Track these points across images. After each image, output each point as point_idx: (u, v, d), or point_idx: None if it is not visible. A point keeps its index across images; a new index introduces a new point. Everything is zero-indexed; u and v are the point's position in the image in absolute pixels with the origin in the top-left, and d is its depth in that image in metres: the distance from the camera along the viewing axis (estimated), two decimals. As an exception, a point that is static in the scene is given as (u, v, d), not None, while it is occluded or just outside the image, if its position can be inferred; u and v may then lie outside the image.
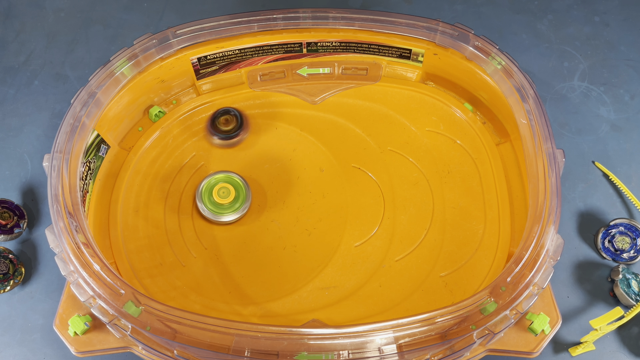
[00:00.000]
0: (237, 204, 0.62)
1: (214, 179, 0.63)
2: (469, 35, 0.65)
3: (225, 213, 0.62)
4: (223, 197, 0.62)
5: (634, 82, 0.75)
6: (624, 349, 0.60)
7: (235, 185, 0.63)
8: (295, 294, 0.60)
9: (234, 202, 0.62)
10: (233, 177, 0.63)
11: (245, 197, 0.62)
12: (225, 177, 0.63)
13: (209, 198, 0.62)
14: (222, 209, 0.62)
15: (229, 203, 0.62)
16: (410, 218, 0.63)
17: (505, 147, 0.66)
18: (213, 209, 0.62)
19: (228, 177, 0.63)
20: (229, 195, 0.62)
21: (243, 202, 0.62)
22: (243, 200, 0.62)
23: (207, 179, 0.63)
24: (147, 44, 0.64)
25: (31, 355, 0.60)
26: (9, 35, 0.79)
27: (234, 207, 0.62)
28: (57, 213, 0.54)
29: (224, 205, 0.62)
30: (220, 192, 0.62)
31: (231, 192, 0.62)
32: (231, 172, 0.63)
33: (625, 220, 0.65)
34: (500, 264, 0.60)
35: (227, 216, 0.62)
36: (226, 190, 0.62)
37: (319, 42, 0.69)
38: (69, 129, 0.59)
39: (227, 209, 0.62)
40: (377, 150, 0.67)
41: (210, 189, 0.62)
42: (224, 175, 0.63)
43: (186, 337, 0.50)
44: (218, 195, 0.62)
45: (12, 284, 0.62)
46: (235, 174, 0.63)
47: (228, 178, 0.63)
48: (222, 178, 0.63)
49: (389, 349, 0.50)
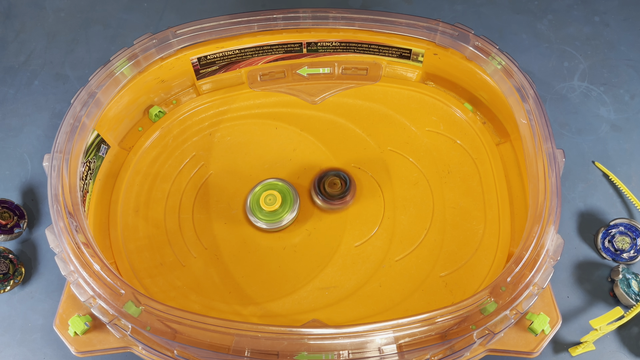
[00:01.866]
0: (287, 206, 0.62)
1: (257, 190, 0.63)
2: (469, 35, 0.65)
3: (281, 218, 0.61)
4: (270, 204, 0.61)
5: (634, 82, 0.75)
6: (624, 349, 0.60)
7: (279, 190, 0.62)
8: (295, 294, 0.60)
9: (283, 206, 0.62)
10: (276, 183, 0.63)
11: (293, 198, 0.62)
12: (267, 185, 0.63)
13: (259, 210, 0.62)
14: (275, 215, 0.62)
15: (279, 207, 0.62)
16: (410, 218, 0.63)
17: (505, 147, 0.66)
18: (267, 219, 0.61)
19: (270, 185, 0.63)
20: (276, 201, 0.61)
21: (292, 204, 0.62)
22: (291, 201, 0.62)
23: (251, 194, 0.63)
24: (147, 44, 0.64)
25: (31, 355, 0.60)
26: (9, 35, 0.79)
27: (285, 209, 0.62)
28: (57, 213, 0.54)
29: (276, 211, 0.62)
30: (267, 200, 0.62)
31: (277, 198, 0.61)
32: (272, 179, 0.63)
33: (625, 220, 0.65)
34: (500, 264, 0.60)
35: (284, 220, 0.62)
36: (272, 197, 0.62)
37: (319, 42, 0.68)
38: (69, 129, 0.59)
39: (280, 213, 0.62)
40: (377, 150, 0.67)
41: (257, 201, 0.62)
42: (265, 184, 0.63)
43: (186, 337, 0.50)
44: (266, 204, 0.61)
45: (12, 284, 0.62)
46: (277, 179, 0.63)
47: (270, 185, 0.63)
48: (264, 187, 0.63)
49: (389, 349, 0.50)
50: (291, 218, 0.62)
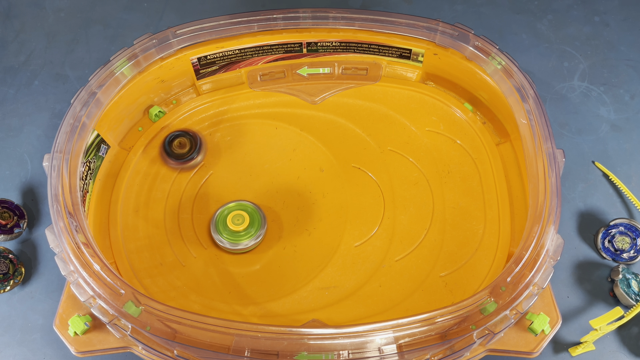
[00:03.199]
0: (252, 230, 0.61)
1: (227, 209, 0.62)
2: (469, 35, 0.65)
3: (241, 240, 0.61)
4: (238, 224, 0.61)
5: (634, 82, 0.75)
6: (624, 349, 0.60)
7: (249, 212, 0.62)
8: (295, 294, 0.60)
9: (249, 228, 0.61)
10: (246, 205, 0.62)
11: (260, 223, 0.61)
12: (237, 205, 0.62)
13: (224, 228, 0.61)
14: (238, 236, 0.61)
15: (244, 230, 0.61)
16: (410, 218, 0.63)
17: (505, 147, 0.66)
18: (229, 238, 0.61)
19: (240, 205, 0.62)
20: (244, 222, 0.61)
21: (258, 229, 0.61)
22: (258, 226, 0.61)
23: (220, 210, 0.62)
24: (147, 44, 0.64)
25: (31, 355, 0.60)
26: (9, 35, 0.79)
27: (250, 233, 0.61)
28: (57, 213, 0.54)
29: (239, 233, 0.61)
30: (235, 220, 0.61)
31: (245, 219, 0.61)
32: (243, 201, 0.63)
33: (625, 220, 0.65)
34: (500, 264, 0.60)
35: (244, 243, 0.61)
36: (240, 217, 0.61)
37: (319, 42, 0.69)
38: (69, 129, 0.59)
39: (243, 236, 0.61)
40: (377, 150, 0.67)
41: (224, 219, 0.61)
42: (236, 204, 0.62)
43: (186, 337, 0.50)
44: (232, 223, 0.61)
45: (12, 284, 0.62)
46: (247, 201, 0.62)
47: (240, 206, 0.62)
48: (234, 207, 0.62)
49: (389, 349, 0.50)
50: (252, 244, 0.61)
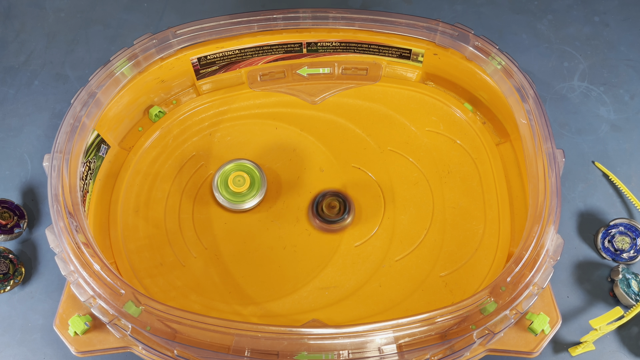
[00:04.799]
0: (253, 191, 0.63)
1: (228, 168, 0.64)
2: (468, 36, 0.65)
3: (244, 200, 0.63)
4: (239, 185, 0.63)
5: (634, 82, 0.75)
6: (624, 349, 0.60)
7: (249, 172, 0.64)
8: (295, 294, 0.60)
9: (250, 190, 0.63)
10: (246, 165, 0.64)
11: (260, 184, 0.63)
12: (238, 165, 0.64)
13: (226, 189, 0.63)
14: (240, 197, 0.63)
15: (246, 190, 0.63)
16: (410, 218, 0.63)
17: (505, 147, 0.66)
18: (231, 199, 0.63)
19: (241, 165, 0.64)
20: (245, 183, 0.63)
21: (259, 189, 0.63)
22: (259, 186, 0.63)
23: (220, 170, 0.64)
24: (147, 44, 0.64)
25: (31, 355, 0.60)
26: (9, 35, 0.79)
27: (251, 194, 0.63)
28: (57, 213, 0.54)
29: (242, 193, 0.63)
30: (236, 181, 0.63)
31: (246, 180, 0.63)
32: (243, 160, 0.64)
33: (625, 220, 0.65)
34: (500, 264, 0.60)
35: (247, 203, 0.63)
36: (241, 178, 0.63)
37: (319, 42, 0.69)
38: (69, 129, 0.59)
39: (245, 196, 0.63)
40: (377, 150, 0.67)
41: (226, 180, 0.63)
42: (236, 164, 0.64)
43: (186, 337, 0.50)
44: (234, 184, 0.63)
45: (12, 284, 0.62)
46: (247, 160, 0.64)
47: (241, 166, 0.64)
48: (234, 167, 0.64)
49: (389, 349, 0.50)
50: (255, 203, 0.63)
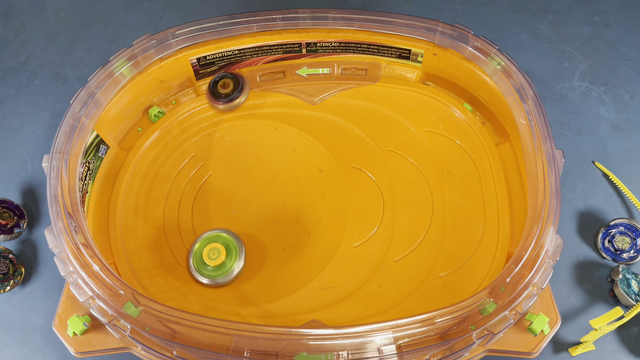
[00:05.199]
0: (231, 261, 0.59)
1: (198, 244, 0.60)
2: (468, 36, 0.65)
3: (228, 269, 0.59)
4: (213, 258, 0.59)
5: (634, 82, 0.75)
6: (624, 349, 0.60)
7: (224, 242, 0.60)
8: (295, 295, 0.60)
9: (228, 261, 0.59)
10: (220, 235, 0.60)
11: (237, 252, 0.60)
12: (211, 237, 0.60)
13: (204, 266, 0.59)
14: (220, 269, 0.59)
15: (222, 263, 0.59)
16: (409, 218, 0.63)
17: (504, 148, 0.66)
18: (213, 274, 0.59)
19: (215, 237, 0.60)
20: (220, 255, 0.59)
21: (236, 259, 0.59)
22: (236, 255, 0.59)
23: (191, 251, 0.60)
24: (146, 45, 0.64)
25: (31, 355, 0.60)
26: (9, 35, 0.79)
27: (230, 265, 0.59)
28: (56, 213, 0.54)
29: (221, 265, 0.59)
30: (211, 254, 0.59)
31: (221, 251, 0.59)
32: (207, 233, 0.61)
33: (625, 220, 0.65)
34: (499, 264, 0.60)
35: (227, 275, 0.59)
36: (216, 250, 0.59)
37: (319, 42, 0.68)
38: (68, 129, 0.59)
39: (223, 267, 0.59)
40: (376, 151, 0.67)
41: (200, 256, 0.59)
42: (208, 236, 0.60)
43: (185, 338, 0.50)
44: (209, 258, 0.59)
45: (12, 284, 0.62)
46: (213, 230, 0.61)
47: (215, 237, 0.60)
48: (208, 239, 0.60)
49: (389, 350, 0.50)
50: (241, 267, 0.59)
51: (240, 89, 0.67)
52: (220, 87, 0.67)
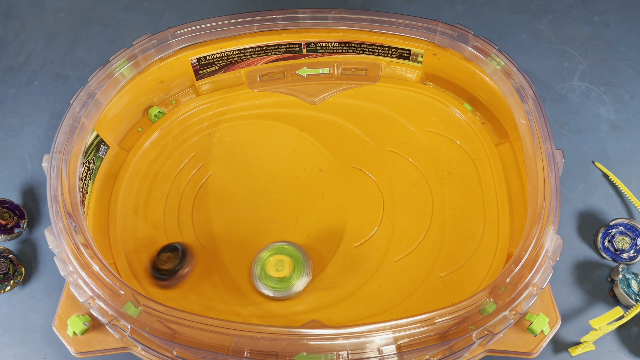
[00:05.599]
0: (299, 271, 0.59)
1: (263, 255, 0.59)
2: (468, 36, 0.65)
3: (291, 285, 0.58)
4: (280, 270, 0.58)
5: (634, 82, 0.75)
6: (624, 349, 0.60)
7: (288, 254, 0.59)
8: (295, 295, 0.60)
9: (295, 272, 0.59)
10: (283, 247, 0.60)
11: (303, 262, 0.59)
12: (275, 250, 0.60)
13: (267, 277, 0.59)
14: (284, 282, 0.58)
15: (289, 275, 0.58)
16: (409, 218, 0.63)
17: (504, 148, 0.66)
18: (276, 286, 0.58)
19: (278, 249, 0.60)
20: (284, 267, 0.58)
21: (303, 268, 0.59)
22: (302, 265, 0.59)
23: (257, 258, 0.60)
24: (146, 45, 0.64)
25: (31, 355, 0.60)
26: (9, 35, 0.79)
27: (298, 275, 0.58)
28: (56, 214, 0.54)
29: (285, 278, 0.58)
30: (278, 267, 0.58)
31: (285, 263, 0.58)
32: (278, 243, 0.60)
33: (625, 220, 0.65)
34: (499, 265, 0.60)
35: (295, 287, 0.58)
36: (280, 262, 0.59)
37: (319, 42, 0.68)
38: (68, 129, 0.59)
39: (290, 280, 0.58)
40: (376, 151, 0.67)
41: (264, 267, 0.59)
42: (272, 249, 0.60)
43: (185, 338, 0.50)
44: (276, 270, 0.58)
45: (12, 284, 0.62)
46: (283, 242, 0.60)
47: (278, 250, 0.60)
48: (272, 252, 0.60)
49: (389, 350, 0.50)
50: (304, 283, 0.59)
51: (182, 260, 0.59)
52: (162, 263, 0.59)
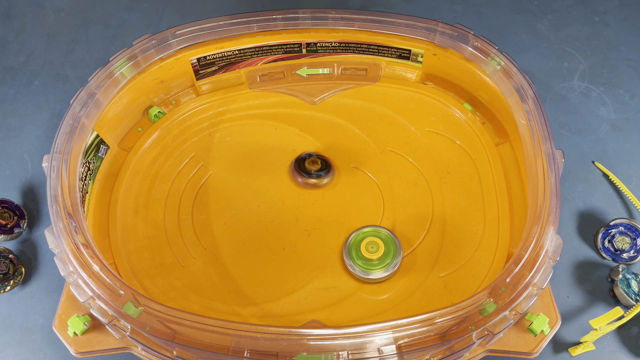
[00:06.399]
0: (387, 260, 0.59)
1: (362, 233, 0.60)
2: (468, 36, 0.65)
3: (374, 269, 0.59)
4: (372, 252, 0.59)
5: (634, 82, 0.75)
6: (624, 349, 0.60)
7: (384, 239, 0.60)
8: (295, 295, 0.60)
9: (383, 258, 0.59)
10: (381, 232, 0.60)
11: (395, 252, 0.59)
12: (374, 231, 0.60)
13: (357, 253, 0.59)
14: (371, 265, 0.59)
15: (378, 259, 0.59)
16: (409, 218, 0.63)
17: (504, 148, 0.66)
18: (362, 266, 0.59)
19: (376, 232, 0.60)
20: (378, 250, 0.59)
21: (394, 258, 0.59)
22: (393, 255, 0.59)
23: (354, 234, 0.60)
24: (146, 45, 0.64)
25: (31, 355, 0.60)
26: (9, 35, 0.79)
27: (385, 263, 0.59)
28: (56, 214, 0.54)
29: (372, 262, 0.59)
30: (369, 247, 0.59)
31: (380, 247, 0.59)
32: (380, 227, 0.61)
33: (625, 220, 0.65)
34: (499, 265, 0.60)
35: (377, 273, 0.59)
36: (375, 245, 0.59)
37: (319, 42, 0.68)
38: (69, 129, 0.59)
39: (377, 265, 0.59)
40: (376, 151, 0.67)
41: (358, 244, 0.59)
42: (372, 229, 0.60)
43: (185, 338, 0.50)
44: (367, 251, 0.59)
45: (12, 284, 0.62)
46: (383, 228, 0.61)
47: (376, 232, 0.60)
48: (370, 232, 0.60)
49: (389, 350, 0.50)
50: (384, 276, 0.59)
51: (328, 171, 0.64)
52: (309, 164, 0.64)
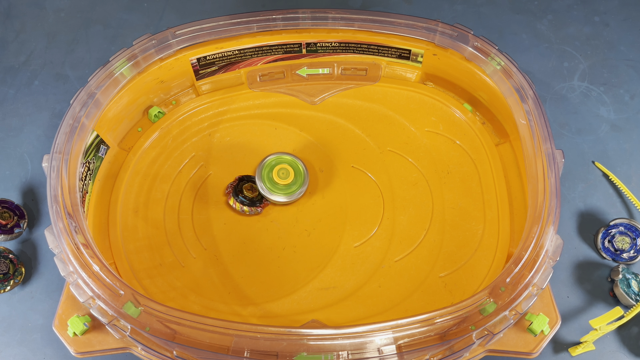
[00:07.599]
0: (292, 188, 0.63)
1: (280, 157, 0.64)
2: (468, 36, 0.65)
3: (278, 193, 0.63)
4: (282, 177, 0.63)
5: (634, 82, 0.75)
6: (624, 349, 0.60)
7: (295, 170, 0.64)
8: (295, 295, 0.60)
9: (290, 185, 0.63)
10: (297, 163, 0.64)
11: (301, 184, 0.64)
12: (291, 160, 0.64)
13: (268, 174, 0.63)
14: (277, 188, 0.63)
15: (284, 185, 0.63)
16: (409, 218, 0.63)
17: (504, 148, 0.66)
18: (269, 187, 0.63)
19: (293, 162, 0.64)
20: (288, 177, 0.63)
21: (298, 188, 0.63)
22: (299, 185, 0.63)
23: (274, 155, 0.64)
24: (146, 45, 0.64)
25: (31, 355, 0.60)
26: (9, 35, 0.79)
27: (289, 190, 0.63)
28: (56, 214, 0.54)
29: (279, 185, 0.63)
30: (280, 173, 0.63)
31: (290, 175, 0.63)
32: (297, 158, 0.65)
33: (625, 220, 0.65)
34: (499, 265, 0.60)
35: (279, 197, 0.63)
36: (286, 172, 0.63)
37: (319, 42, 0.68)
38: (69, 129, 0.59)
39: (281, 190, 0.63)
40: (376, 151, 0.67)
41: (273, 166, 0.64)
42: (291, 158, 0.65)
43: (185, 338, 0.50)
44: (278, 176, 0.63)
45: (12, 284, 0.62)
46: (299, 160, 0.65)
47: (293, 162, 0.64)
48: (286, 160, 0.64)
49: (389, 350, 0.50)
50: (286, 201, 0.63)
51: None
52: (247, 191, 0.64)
